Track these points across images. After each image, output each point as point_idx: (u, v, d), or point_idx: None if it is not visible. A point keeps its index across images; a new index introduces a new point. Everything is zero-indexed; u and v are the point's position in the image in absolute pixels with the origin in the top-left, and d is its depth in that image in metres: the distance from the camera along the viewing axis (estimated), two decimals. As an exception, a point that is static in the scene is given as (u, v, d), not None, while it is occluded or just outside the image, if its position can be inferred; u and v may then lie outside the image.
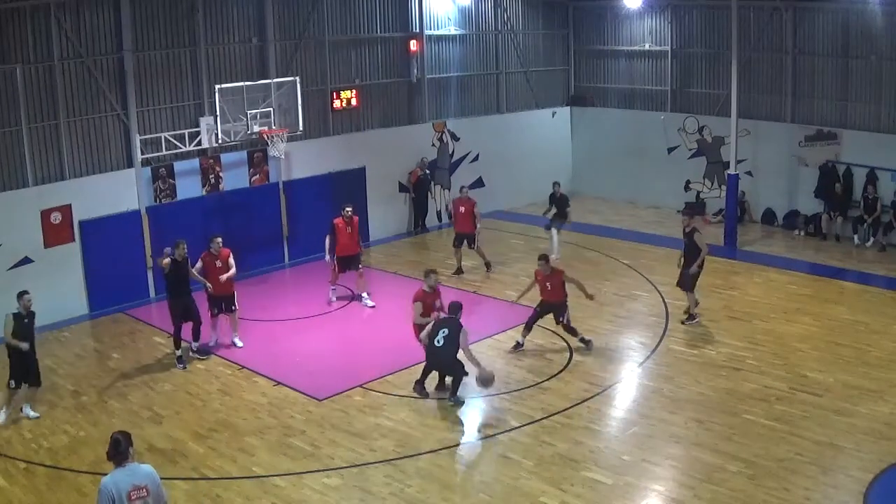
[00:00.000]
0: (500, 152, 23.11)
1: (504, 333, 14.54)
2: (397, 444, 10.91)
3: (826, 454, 10.25)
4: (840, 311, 15.16)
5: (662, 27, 23.12)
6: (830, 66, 20.14)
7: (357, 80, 20.33)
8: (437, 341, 12.01)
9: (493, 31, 23.16)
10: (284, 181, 18.96)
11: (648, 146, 23.30)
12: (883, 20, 18.94)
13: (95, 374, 13.63)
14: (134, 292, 16.84)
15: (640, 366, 13.23)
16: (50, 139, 15.82)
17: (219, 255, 14.05)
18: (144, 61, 16.78)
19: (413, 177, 21.40)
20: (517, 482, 9.93)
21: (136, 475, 6.86)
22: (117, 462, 6.89)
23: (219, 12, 17.73)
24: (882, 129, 19.40)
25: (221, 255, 14.08)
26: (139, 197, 16.82)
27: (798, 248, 19.37)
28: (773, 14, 20.71)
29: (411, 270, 18.00)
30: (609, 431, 11.24)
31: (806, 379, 12.38)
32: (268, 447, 10.97)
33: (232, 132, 16.79)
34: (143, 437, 11.26)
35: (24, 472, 10.54)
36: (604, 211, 23.25)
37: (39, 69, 15.51)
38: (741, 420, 11.16)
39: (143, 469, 6.98)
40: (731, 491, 9.50)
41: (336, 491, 9.89)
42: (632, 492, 9.66)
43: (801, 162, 20.61)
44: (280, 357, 13.94)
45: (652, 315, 15.28)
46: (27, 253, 15.43)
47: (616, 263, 18.30)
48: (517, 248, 19.92)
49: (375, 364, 13.43)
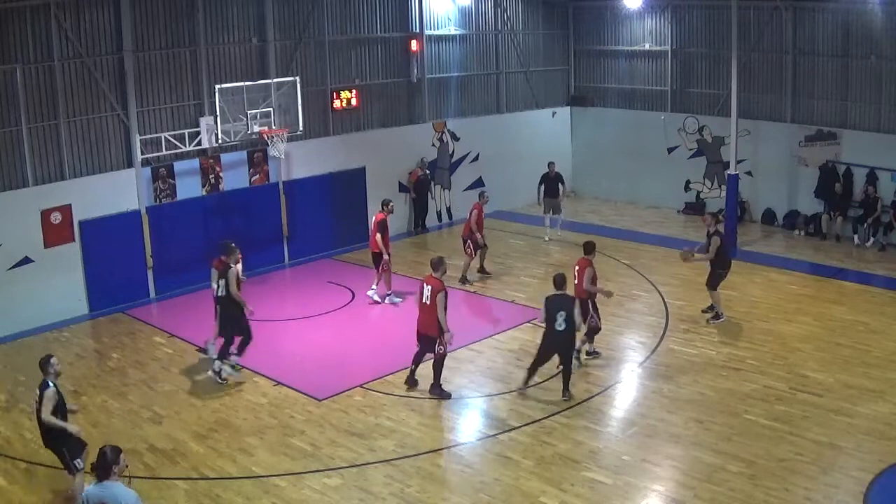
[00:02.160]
0: (500, 152, 23.12)
1: (504, 333, 14.54)
2: (397, 444, 10.90)
3: (826, 454, 10.24)
4: (840, 311, 15.16)
5: (662, 27, 23.12)
6: (830, 66, 20.15)
7: (357, 80, 20.33)
8: (559, 325, 11.51)
9: (493, 31, 23.17)
10: (284, 181, 18.95)
11: (648, 146, 23.30)
12: (883, 20, 18.96)
13: (95, 374, 13.63)
14: (134, 292, 16.84)
15: (640, 366, 13.23)
16: (50, 139, 15.82)
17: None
18: (144, 61, 16.78)
19: (413, 177, 21.40)
20: (517, 482, 9.93)
21: (105, 494, 6.85)
22: (97, 476, 6.90)
23: (219, 12, 17.73)
24: (882, 129, 19.41)
25: None
26: (139, 197, 16.82)
27: (798, 248, 19.37)
28: (773, 14, 20.71)
29: (411, 270, 18.00)
30: (609, 431, 11.24)
31: (806, 379, 12.38)
32: (268, 447, 10.97)
33: (232, 132, 16.79)
34: (143, 437, 11.29)
35: (24, 472, 10.54)
36: (604, 211, 23.26)
37: (39, 69, 15.50)
38: (741, 420, 11.16)
39: (116, 490, 6.89)
40: (731, 491, 9.50)
41: (336, 491, 9.89)
42: (632, 492, 9.65)
43: (802, 162, 20.61)
44: (280, 357, 13.94)
45: (652, 315, 15.28)
46: (27, 253, 15.42)
47: (616, 263, 18.30)
48: (517, 248, 19.93)
49: (375, 364, 13.42)
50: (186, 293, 17.21)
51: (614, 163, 24.04)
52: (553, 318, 11.55)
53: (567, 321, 11.49)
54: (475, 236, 17.34)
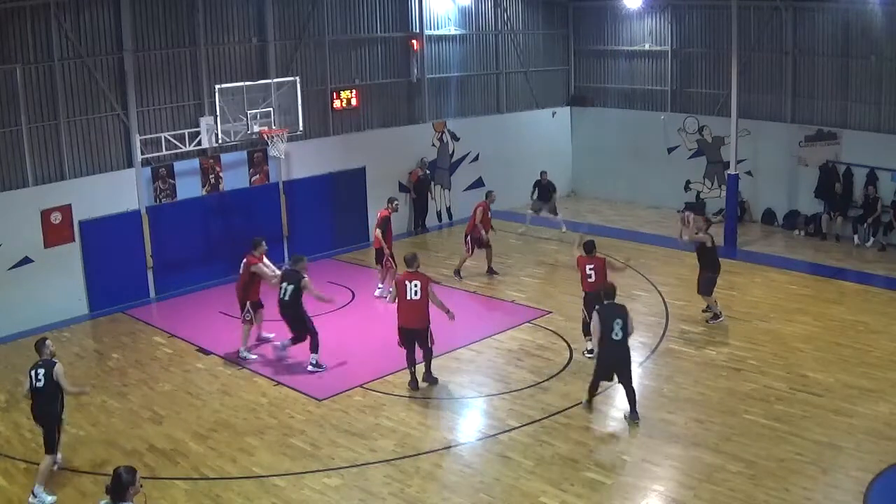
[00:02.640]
0: (500, 152, 23.12)
1: (504, 333, 14.54)
2: (397, 444, 10.90)
3: (826, 454, 10.24)
4: (840, 311, 15.16)
5: (662, 27, 23.12)
6: (830, 66, 20.14)
7: (357, 80, 20.33)
8: (616, 335, 10.83)
9: (493, 31, 23.17)
10: (284, 181, 18.95)
11: (648, 146, 23.30)
12: (883, 20, 18.95)
13: (95, 374, 13.63)
14: (134, 292, 16.84)
15: (640, 366, 13.21)
16: (50, 139, 15.82)
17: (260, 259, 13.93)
18: (144, 61, 16.78)
19: (413, 177, 21.40)
20: (517, 482, 9.92)
21: None
22: (112, 498, 6.78)
23: (219, 12, 17.73)
24: (882, 129, 19.40)
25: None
26: (139, 197, 16.82)
27: (798, 248, 19.37)
28: (773, 14, 20.71)
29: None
30: (609, 431, 11.24)
31: (806, 379, 12.38)
32: (268, 447, 10.97)
33: (232, 132, 16.79)
34: (143, 437, 11.29)
35: (24, 472, 10.54)
36: (604, 211, 23.26)
37: (39, 69, 15.50)
38: (741, 420, 11.16)
39: None
40: (731, 491, 9.50)
41: (336, 491, 9.89)
42: (632, 492, 9.65)
43: (802, 162, 20.61)
44: (280, 357, 13.92)
45: (652, 315, 15.27)
46: (27, 253, 15.43)
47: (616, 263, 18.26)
48: (517, 248, 19.92)
49: (375, 364, 13.41)
50: (186, 293, 17.23)
51: (614, 163, 24.04)
52: (610, 326, 10.85)
53: (623, 330, 10.88)
54: (478, 234, 17.39)
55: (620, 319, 10.84)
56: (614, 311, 10.97)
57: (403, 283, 12.20)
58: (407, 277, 12.23)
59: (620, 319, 10.84)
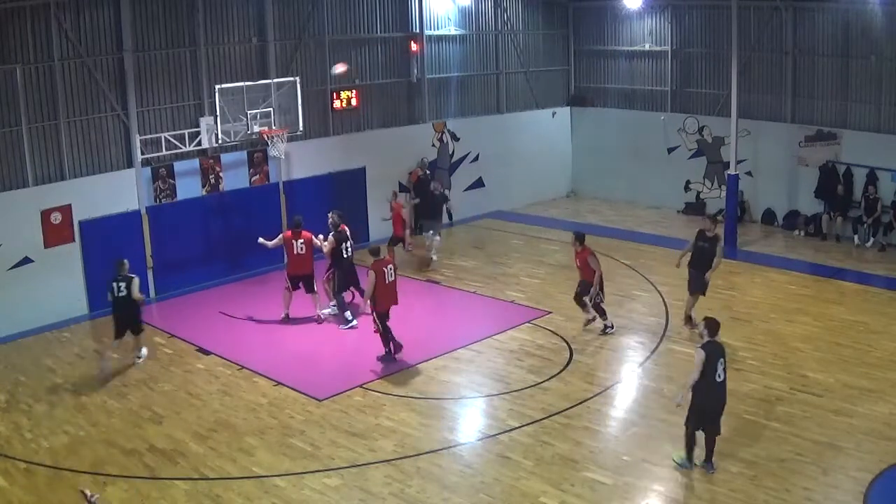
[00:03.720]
0: (500, 152, 23.12)
1: (504, 333, 14.53)
2: (397, 444, 10.90)
3: (826, 454, 10.24)
4: (840, 311, 15.15)
5: (662, 27, 23.12)
6: (830, 66, 20.14)
7: (357, 80, 20.32)
8: (718, 376, 9.74)
9: (493, 31, 23.16)
10: (284, 181, 18.95)
11: (648, 146, 23.30)
12: (883, 20, 18.94)
13: (95, 374, 13.61)
14: (134, 292, 16.82)
15: (640, 366, 13.22)
16: (50, 139, 15.82)
17: (300, 236, 15.24)
18: (144, 61, 16.78)
19: (413, 177, 21.39)
20: (517, 482, 9.92)
21: None
22: None
23: (219, 12, 17.72)
24: (882, 129, 19.40)
25: (303, 236, 15.26)
26: (139, 197, 16.81)
27: (798, 249, 19.36)
28: (773, 14, 20.71)
29: (410, 270, 18.01)
30: (609, 431, 11.23)
31: (806, 379, 12.38)
32: (268, 447, 10.97)
33: (232, 132, 16.78)
34: (143, 437, 11.29)
35: (24, 472, 10.54)
36: (604, 211, 23.25)
37: (39, 69, 15.50)
38: (741, 420, 11.16)
39: None
40: (731, 491, 9.50)
41: (336, 491, 9.89)
42: (632, 492, 9.65)
43: (802, 162, 20.61)
44: (280, 357, 13.93)
45: (652, 315, 15.27)
46: (27, 253, 15.42)
47: (616, 263, 18.28)
48: (517, 248, 19.92)
49: (376, 364, 13.42)
50: (186, 293, 17.23)
51: (614, 163, 24.03)
52: (714, 367, 9.71)
53: (725, 371, 9.86)
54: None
55: (723, 359, 9.89)
56: (717, 349, 9.90)
57: (379, 270, 13.14)
58: (382, 264, 13.29)
59: (723, 359, 9.89)
